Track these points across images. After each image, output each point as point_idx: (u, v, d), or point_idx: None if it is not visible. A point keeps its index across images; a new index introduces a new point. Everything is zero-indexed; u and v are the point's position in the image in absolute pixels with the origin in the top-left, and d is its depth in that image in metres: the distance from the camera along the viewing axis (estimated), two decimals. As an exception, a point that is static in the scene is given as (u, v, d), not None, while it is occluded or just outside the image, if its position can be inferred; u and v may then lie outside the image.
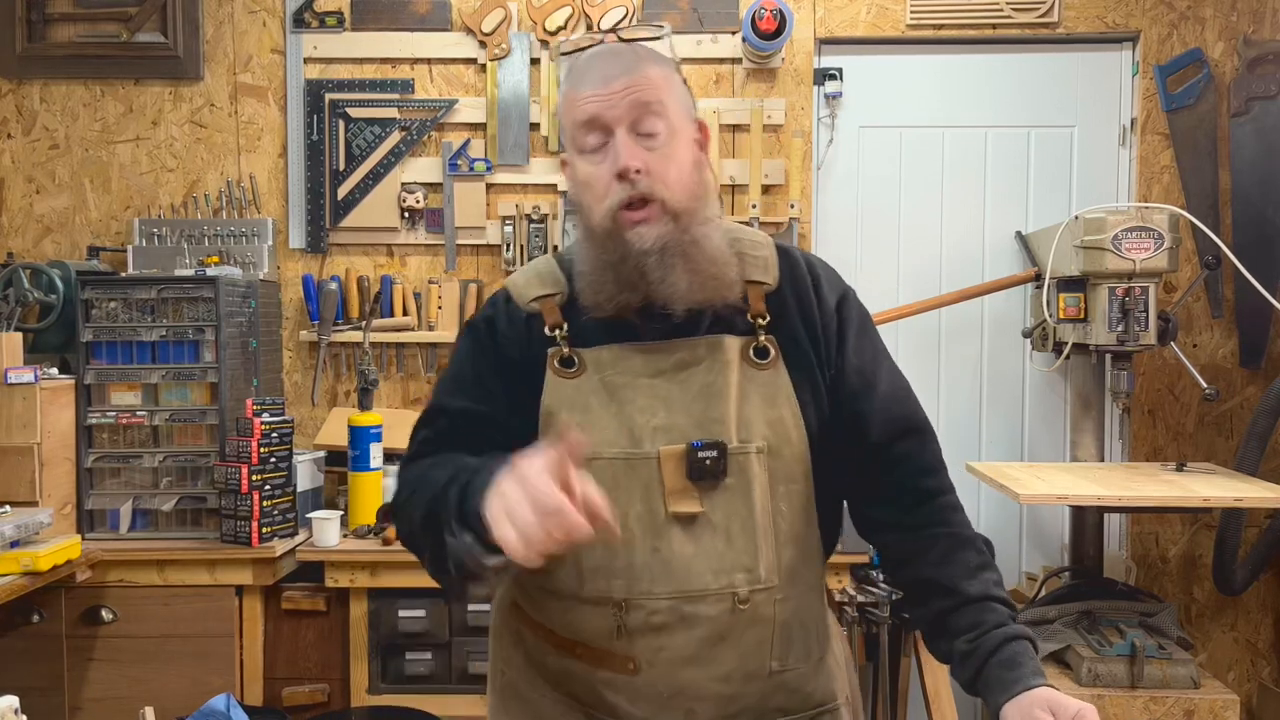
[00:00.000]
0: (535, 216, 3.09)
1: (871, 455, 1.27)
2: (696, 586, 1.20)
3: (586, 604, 1.23)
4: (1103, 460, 2.92)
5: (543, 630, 1.30)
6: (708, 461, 1.19)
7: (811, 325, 1.28)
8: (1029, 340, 3.03)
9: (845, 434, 1.28)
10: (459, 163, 3.13)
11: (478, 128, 3.15)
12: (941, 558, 1.22)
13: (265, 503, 2.66)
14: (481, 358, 1.30)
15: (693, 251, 1.21)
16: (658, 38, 1.34)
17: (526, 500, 0.98)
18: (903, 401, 1.30)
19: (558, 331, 1.26)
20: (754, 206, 3.05)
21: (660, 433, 1.21)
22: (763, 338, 1.25)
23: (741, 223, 1.82)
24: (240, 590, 2.68)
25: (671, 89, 1.23)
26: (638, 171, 1.18)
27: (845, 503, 1.36)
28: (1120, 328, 2.64)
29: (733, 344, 1.24)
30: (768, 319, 1.26)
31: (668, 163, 1.20)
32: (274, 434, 2.70)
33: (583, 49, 1.29)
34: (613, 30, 1.31)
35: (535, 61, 3.12)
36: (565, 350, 1.25)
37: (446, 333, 3.12)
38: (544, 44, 3.10)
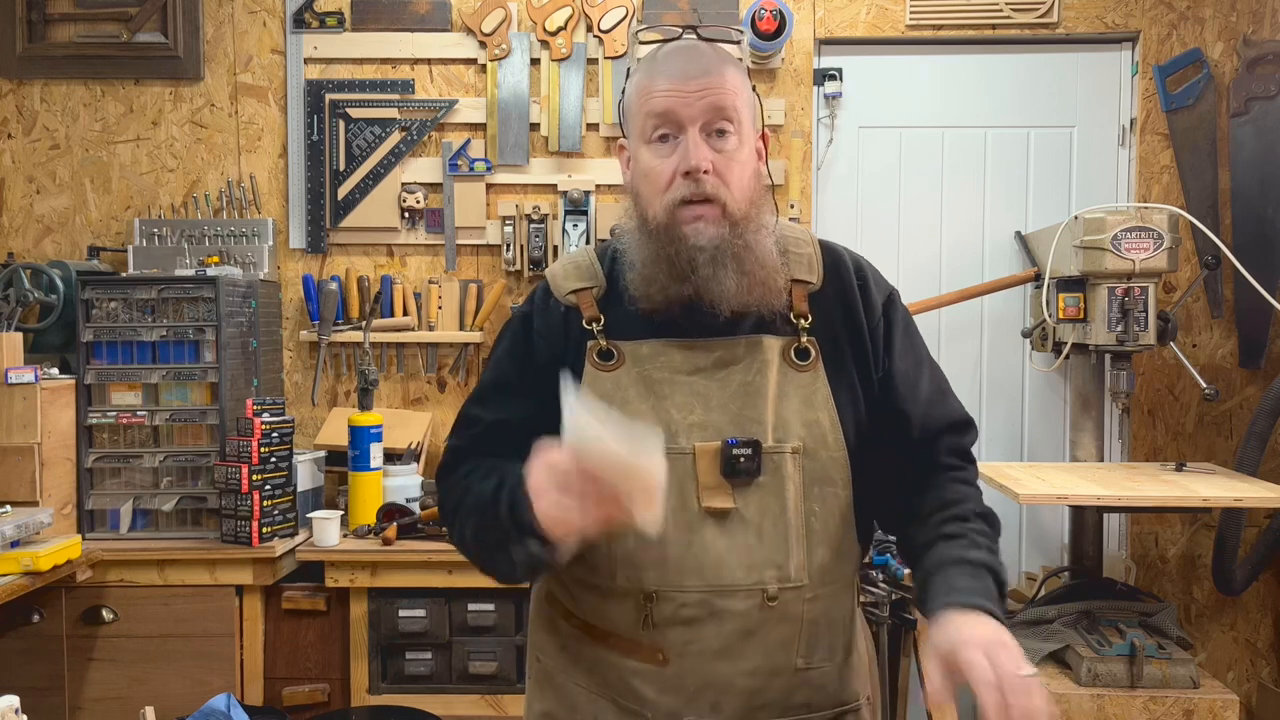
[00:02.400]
0: (535, 216, 3.09)
1: (911, 453, 1.29)
2: (727, 581, 1.21)
3: (618, 594, 1.25)
4: (1102, 460, 2.92)
5: (576, 620, 1.32)
6: (742, 459, 1.21)
7: (856, 326, 1.29)
8: (1029, 340, 3.03)
9: (887, 433, 1.29)
10: (459, 163, 3.13)
11: (478, 128, 3.15)
12: (932, 510, 1.25)
13: (265, 502, 2.67)
14: (515, 359, 1.33)
15: (744, 255, 1.22)
16: (736, 42, 1.35)
17: (559, 480, 1.06)
18: (943, 402, 1.32)
19: (595, 325, 1.28)
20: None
21: (696, 429, 1.23)
22: (804, 339, 1.26)
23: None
24: (240, 590, 2.68)
25: (744, 95, 1.25)
26: (705, 172, 1.20)
27: (880, 506, 1.36)
28: (1120, 328, 2.64)
29: (772, 344, 1.26)
30: (810, 319, 1.27)
31: (733, 167, 1.22)
32: (274, 434, 2.70)
33: (663, 41, 1.31)
34: (693, 28, 1.32)
35: (535, 62, 3.12)
36: (603, 343, 1.27)
37: (446, 333, 3.13)
38: (544, 44, 3.11)
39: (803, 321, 1.27)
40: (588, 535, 1.09)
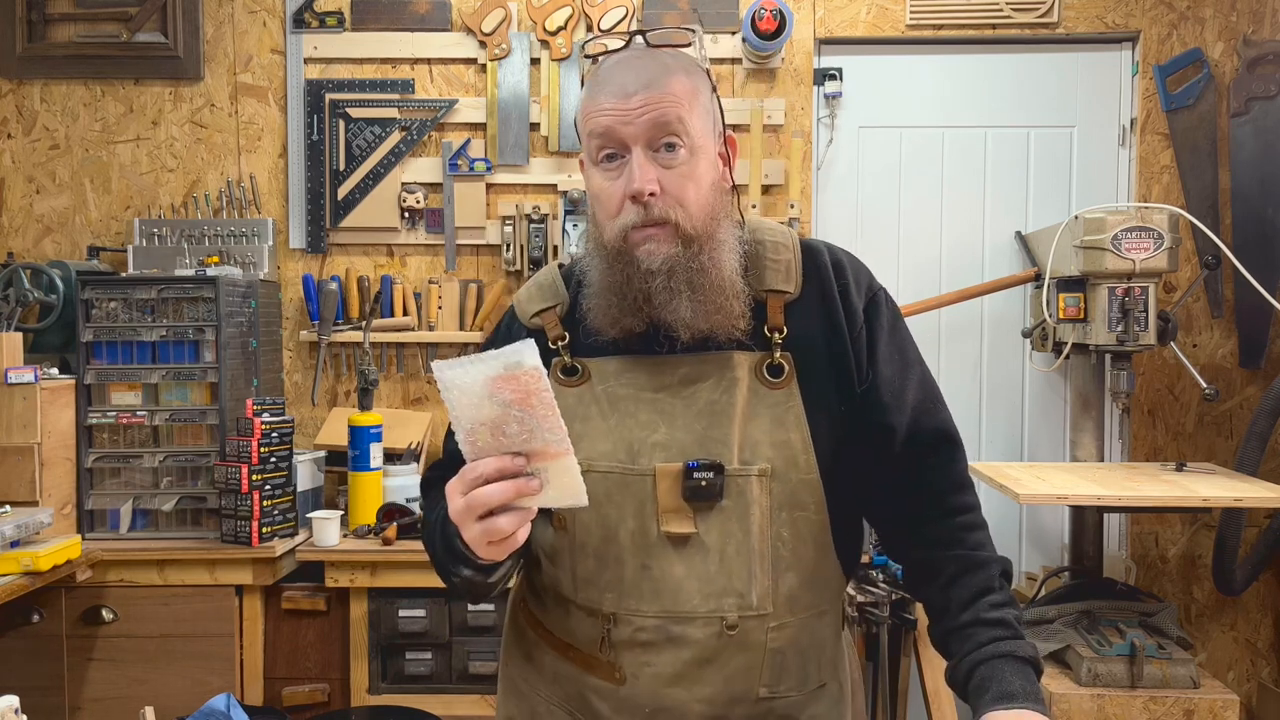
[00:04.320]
0: (535, 216, 3.09)
1: (899, 468, 1.24)
2: (684, 608, 1.18)
3: (579, 610, 1.23)
4: (1102, 460, 2.92)
5: (542, 629, 1.30)
6: (703, 483, 1.16)
7: (838, 334, 1.22)
8: (1029, 340, 3.03)
9: (873, 446, 1.24)
10: (459, 163, 3.13)
11: (478, 128, 3.15)
12: (950, 581, 1.20)
13: (265, 502, 2.67)
14: None
15: (699, 280, 1.16)
16: (687, 44, 1.26)
17: (464, 497, 1.02)
18: (933, 412, 1.25)
19: (559, 343, 1.24)
20: (754, 207, 3.05)
21: (659, 449, 1.18)
22: (778, 355, 1.20)
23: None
24: (240, 590, 2.68)
25: (695, 103, 1.17)
26: (652, 194, 1.14)
27: (869, 523, 1.33)
28: (1120, 328, 2.64)
29: (743, 360, 1.20)
30: (785, 332, 1.21)
31: (685, 183, 1.15)
32: (274, 434, 2.70)
33: (607, 53, 1.23)
34: (640, 33, 1.25)
35: (535, 61, 3.12)
36: (567, 359, 1.23)
37: (446, 333, 3.12)
38: (544, 44, 3.11)
39: (777, 335, 1.20)
40: (516, 536, 1.03)
